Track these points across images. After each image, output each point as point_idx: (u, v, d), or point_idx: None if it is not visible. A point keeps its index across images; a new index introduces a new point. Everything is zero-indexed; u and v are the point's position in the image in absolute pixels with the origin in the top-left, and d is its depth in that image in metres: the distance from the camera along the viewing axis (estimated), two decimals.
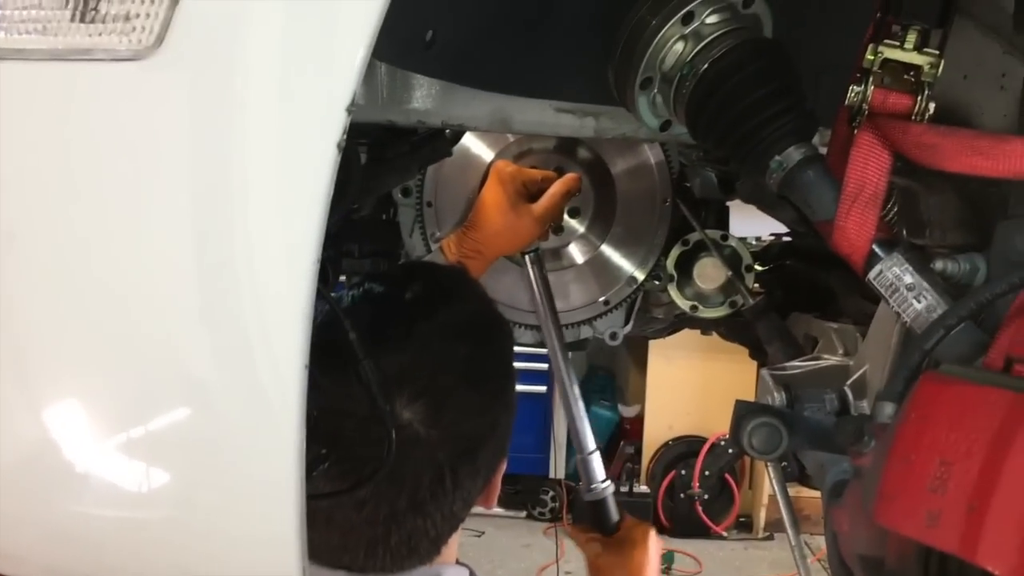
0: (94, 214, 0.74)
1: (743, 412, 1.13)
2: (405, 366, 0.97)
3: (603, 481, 1.63)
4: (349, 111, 0.62)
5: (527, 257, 1.63)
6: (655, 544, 1.51)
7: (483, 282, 1.73)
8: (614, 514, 1.60)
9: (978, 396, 0.64)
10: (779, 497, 1.17)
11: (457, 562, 1.13)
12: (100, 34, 0.64)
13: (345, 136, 0.63)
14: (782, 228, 2.29)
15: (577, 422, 1.69)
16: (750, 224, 2.02)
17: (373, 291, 1.07)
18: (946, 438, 0.64)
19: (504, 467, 1.12)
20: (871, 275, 0.92)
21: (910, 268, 0.90)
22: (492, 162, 1.63)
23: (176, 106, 0.66)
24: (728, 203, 1.99)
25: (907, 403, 0.70)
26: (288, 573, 0.75)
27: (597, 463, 1.66)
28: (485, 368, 1.07)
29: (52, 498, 0.84)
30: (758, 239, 2.34)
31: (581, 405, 1.70)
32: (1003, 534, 0.59)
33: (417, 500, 0.97)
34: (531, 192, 1.54)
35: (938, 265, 0.92)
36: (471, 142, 1.64)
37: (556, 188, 1.54)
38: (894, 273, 0.90)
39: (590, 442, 1.68)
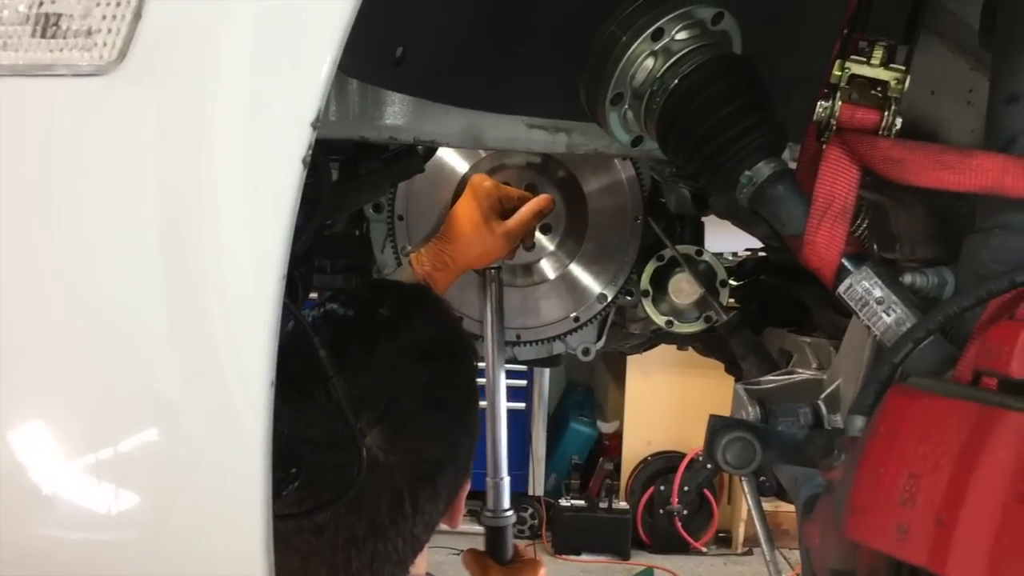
0: (57, 233, 0.73)
1: (717, 427, 1.13)
2: (365, 389, 0.95)
3: (507, 510, 1.69)
4: (315, 126, 0.62)
5: (489, 272, 1.63)
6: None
7: (452, 296, 1.74)
8: (510, 545, 1.64)
9: (946, 409, 0.64)
10: (753, 510, 1.16)
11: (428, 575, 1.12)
12: (62, 50, 0.63)
13: (311, 151, 0.63)
14: (756, 243, 2.31)
15: (496, 445, 1.70)
16: (725, 240, 2.03)
17: (335, 312, 1.06)
18: (915, 451, 0.64)
19: (467, 487, 1.11)
20: (841, 289, 0.92)
21: (879, 282, 0.90)
22: (466, 176, 1.63)
23: (140, 122, 0.65)
24: (703, 219, 2.00)
25: (876, 416, 0.70)
26: None
27: (506, 490, 1.71)
28: (447, 391, 1.05)
29: (18, 521, 0.82)
30: (734, 255, 2.35)
31: (503, 429, 1.71)
32: (971, 547, 0.59)
33: (377, 525, 0.96)
34: (506, 208, 1.54)
35: (907, 279, 0.93)
36: (444, 157, 1.64)
37: (529, 207, 1.54)
38: (863, 287, 0.90)
39: (503, 468, 1.70)
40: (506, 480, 1.68)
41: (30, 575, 0.82)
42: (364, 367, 0.97)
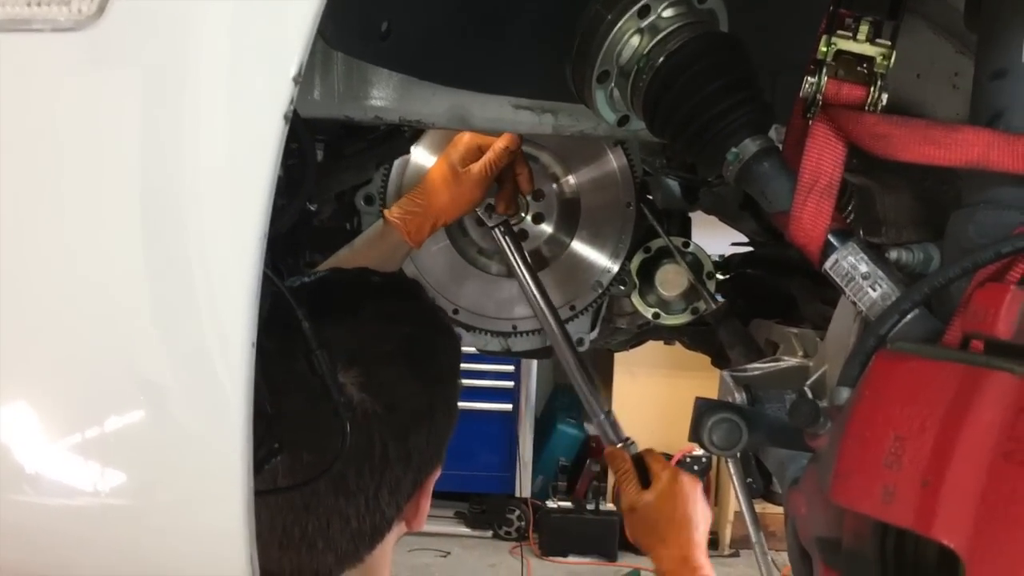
0: (37, 200, 0.72)
1: (703, 409, 1.13)
2: (344, 333, 0.95)
3: (626, 439, 1.63)
4: (296, 81, 0.61)
5: (496, 231, 1.61)
6: (688, 487, 1.46)
7: (448, 288, 1.73)
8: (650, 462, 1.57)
9: (932, 371, 0.64)
10: (739, 492, 1.16)
11: None
12: (40, 4, 0.62)
13: (292, 107, 0.62)
14: (740, 248, 2.32)
15: (583, 387, 1.66)
16: (710, 243, 2.03)
17: (320, 279, 1.05)
18: (900, 413, 0.64)
19: (436, 476, 1.06)
20: (827, 265, 0.92)
21: (865, 257, 0.90)
22: None
23: (119, 78, 0.64)
24: (690, 215, 2.01)
25: (862, 381, 0.70)
26: (236, 562, 0.73)
27: (614, 424, 1.65)
28: (424, 354, 1.03)
29: (2, 497, 0.81)
30: (721, 257, 2.35)
31: (576, 370, 1.67)
32: (957, 508, 0.59)
33: (339, 474, 0.92)
34: (483, 155, 1.52)
35: (893, 255, 0.93)
36: (434, 148, 1.63)
37: (494, 148, 1.51)
38: (849, 262, 0.90)
39: (601, 405, 1.66)
40: (612, 416, 1.64)
41: (16, 549, 0.81)
42: (345, 317, 0.97)
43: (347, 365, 0.93)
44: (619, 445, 1.62)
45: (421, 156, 1.61)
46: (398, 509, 1.00)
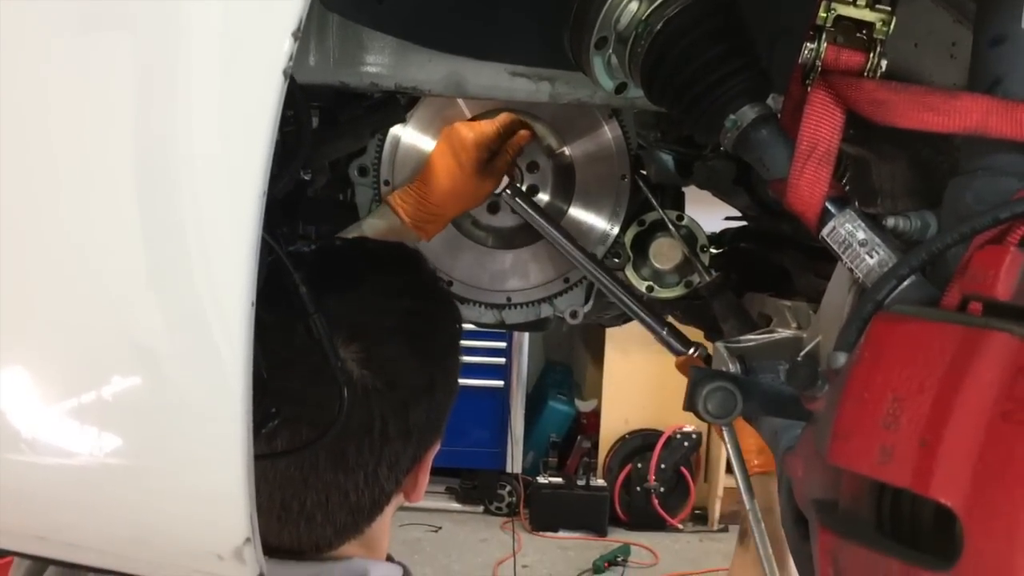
0: (29, 162, 0.71)
1: (698, 377, 1.13)
2: (346, 307, 0.95)
3: (696, 345, 1.66)
4: (296, 37, 0.61)
5: (503, 196, 1.61)
6: None
7: (442, 260, 1.73)
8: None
9: (930, 332, 0.64)
10: (733, 458, 1.17)
11: (390, 559, 1.08)
12: None
13: (291, 63, 0.61)
14: (734, 220, 2.32)
15: (635, 308, 1.68)
16: (704, 219, 2.02)
17: (323, 247, 1.06)
18: (899, 374, 0.64)
19: (436, 450, 1.07)
20: (824, 232, 0.92)
21: (863, 224, 0.90)
22: None
23: (113, 35, 0.64)
24: (683, 190, 2.00)
25: (861, 344, 0.70)
26: (236, 524, 0.73)
27: (678, 332, 1.68)
28: (426, 327, 1.04)
29: (1, 461, 0.81)
30: (714, 233, 2.35)
31: (630, 298, 1.69)
32: (955, 467, 0.59)
33: (339, 449, 0.93)
34: (492, 151, 1.52)
35: (890, 222, 0.93)
36: (430, 120, 1.62)
37: (507, 151, 1.53)
38: (847, 229, 0.90)
39: (662, 320, 1.68)
40: (674, 326, 1.69)
41: (15, 511, 0.81)
42: (347, 289, 0.97)
43: (348, 340, 0.94)
44: (691, 352, 1.63)
45: (414, 130, 1.61)
46: (397, 483, 1.01)
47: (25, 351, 0.81)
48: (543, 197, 1.73)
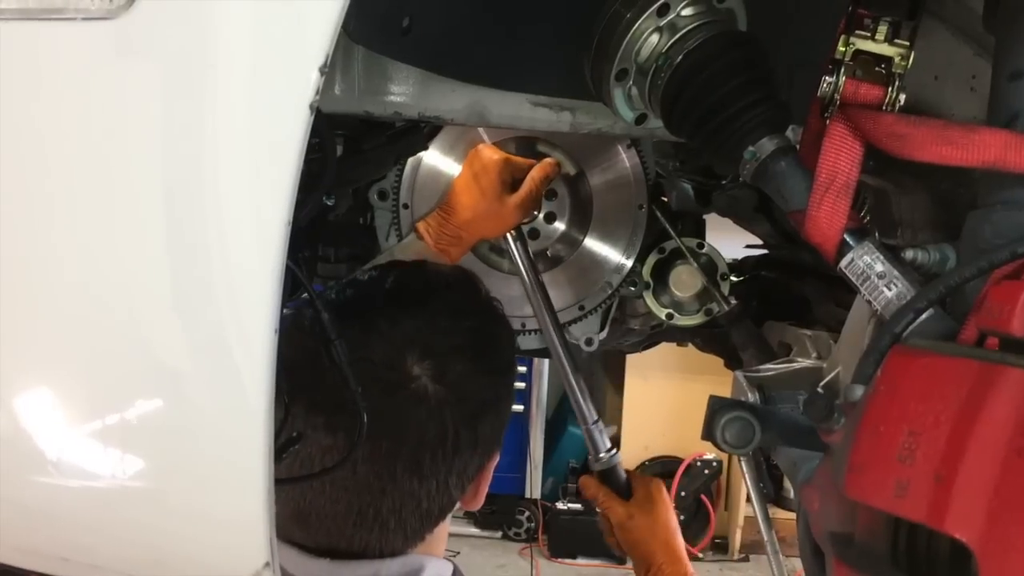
0: (62, 185, 0.73)
1: (717, 407, 1.13)
2: (417, 328, 1.01)
3: (610, 449, 1.67)
4: (323, 72, 0.62)
5: (509, 235, 1.62)
6: (666, 494, 1.60)
7: None
8: (622, 474, 1.66)
9: (947, 367, 0.64)
10: (752, 489, 1.16)
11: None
12: None
13: (318, 96, 0.63)
14: (755, 248, 2.32)
15: (576, 393, 1.68)
16: (725, 245, 2.03)
17: (384, 274, 1.11)
18: (915, 409, 0.64)
19: (495, 462, 1.13)
20: (842, 264, 0.92)
21: (881, 256, 0.90)
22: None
23: (147, 67, 0.66)
24: (704, 217, 2.01)
25: (877, 377, 0.71)
26: (256, 548, 0.74)
27: (604, 432, 1.70)
28: (489, 346, 1.10)
29: (24, 481, 0.82)
30: (735, 260, 2.35)
31: (573, 379, 1.69)
32: (970, 502, 0.59)
33: (416, 459, 0.99)
34: (515, 178, 1.54)
35: (908, 254, 0.93)
36: (449, 145, 1.64)
37: (534, 174, 1.55)
38: (865, 261, 0.91)
39: (592, 413, 1.68)
40: (599, 423, 1.68)
41: (37, 532, 0.82)
42: (418, 309, 1.03)
43: (420, 358, 1.00)
44: (602, 455, 1.68)
45: (434, 155, 1.63)
46: (462, 491, 1.07)
47: (51, 373, 0.82)
48: (561, 224, 1.74)
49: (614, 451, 1.67)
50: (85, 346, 0.80)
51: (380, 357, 0.97)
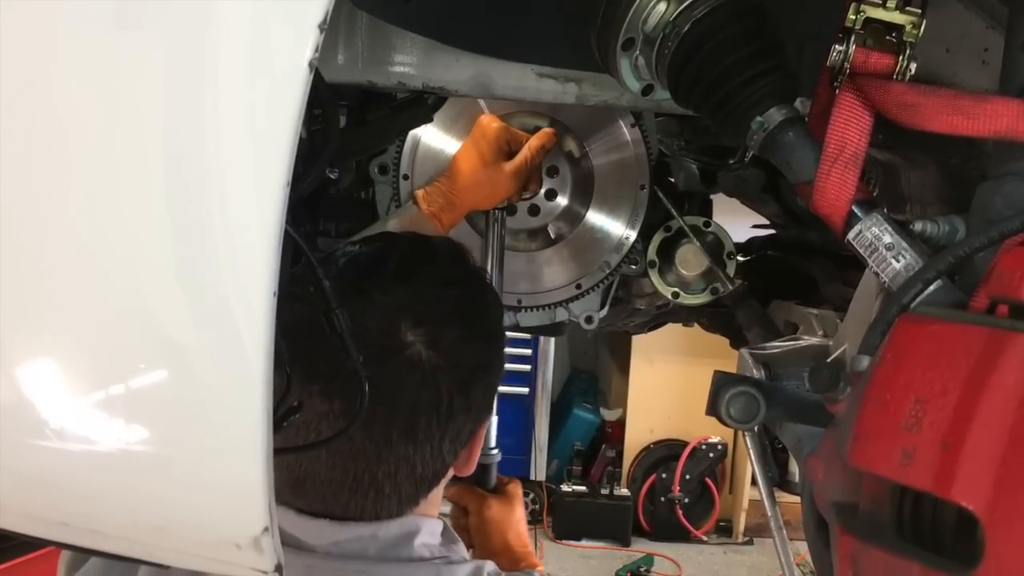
0: (61, 155, 0.72)
1: (722, 382, 1.12)
2: (410, 295, 1.02)
3: (493, 448, 1.75)
4: (321, 28, 0.61)
5: (491, 213, 1.63)
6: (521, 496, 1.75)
7: None
8: (495, 477, 1.76)
9: (955, 334, 0.63)
10: (756, 467, 1.16)
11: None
12: None
13: (317, 54, 0.62)
14: (759, 232, 2.30)
15: None
16: (732, 227, 2.02)
17: (372, 245, 1.12)
18: (922, 377, 0.63)
19: (486, 427, 1.15)
20: (850, 235, 0.91)
21: (889, 228, 0.89)
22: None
23: (142, 32, 0.65)
24: (711, 197, 2.00)
25: (884, 345, 0.70)
26: (256, 518, 0.74)
27: (492, 431, 1.75)
28: (478, 311, 1.11)
29: (28, 449, 0.82)
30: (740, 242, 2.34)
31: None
32: (977, 470, 0.58)
33: (411, 425, 1.00)
34: (513, 150, 1.54)
35: (917, 226, 0.92)
36: (451, 118, 1.62)
37: (532, 143, 1.55)
38: (873, 233, 0.90)
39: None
40: (493, 420, 1.72)
41: (42, 500, 0.82)
42: (407, 280, 1.03)
43: (414, 325, 1.01)
44: (484, 453, 1.70)
45: (434, 129, 1.62)
46: (455, 456, 1.08)
47: (54, 342, 0.82)
48: (561, 202, 1.73)
49: (496, 450, 1.76)
50: (88, 315, 0.79)
51: (374, 325, 0.98)
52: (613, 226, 1.75)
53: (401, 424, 1.00)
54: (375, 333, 0.99)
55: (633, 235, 1.75)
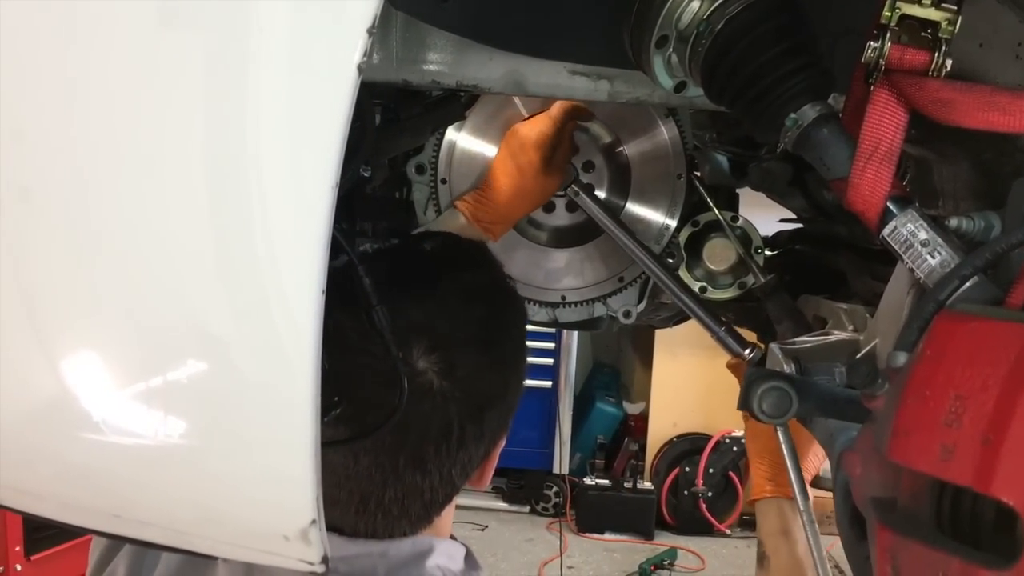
0: (107, 153, 0.74)
1: (754, 377, 1.13)
2: (425, 317, 0.99)
3: (750, 346, 1.63)
4: (370, 33, 0.62)
5: (568, 192, 1.62)
6: None
7: (499, 257, 1.73)
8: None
9: (996, 331, 0.64)
10: (787, 459, 1.16)
11: (452, 539, 1.12)
12: None
13: (366, 59, 0.63)
14: (789, 223, 2.30)
15: (693, 306, 1.67)
16: (757, 222, 2.01)
17: (395, 248, 1.10)
18: (962, 373, 0.64)
19: (503, 443, 1.12)
20: (885, 232, 0.91)
21: (924, 224, 0.89)
22: None
23: (187, 33, 0.66)
24: (737, 191, 1.99)
25: (923, 342, 0.70)
26: (304, 510, 0.75)
27: (736, 333, 1.67)
28: (499, 334, 1.08)
29: (69, 439, 0.84)
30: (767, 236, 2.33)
31: (689, 296, 1.68)
32: (1018, 466, 0.59)
33: (419, 454, 0.97)
34: (554, 147, 1.53)
35: (952, 222, 0.92)
36: (487, 120, 1.63)
37: (558, 123, 1.53)
38: (908, 229, 0.90)
39: (718, 318, 1.66)
40: (730, 325, 1.68)
41: (81, 488, 0.84)
42: (424, 297, 1.00)
43: (428, 351, 0.97)
44: (746, 353, 1.62)
45: (472, 127, 1.62)
46: (467, 478, 1.06)
47: (101, 336, 0.84)
48: (599, 195, 1.73)
49: (754, 348, 1.63)
50: (133, 310, 0.81)
51: (382, 349, 0.93)
52: (653, 216, 1.75)
53: (409, 453, 0.97)
54: (384, 359, 0.93)
55: (673, 224, 1.75)
